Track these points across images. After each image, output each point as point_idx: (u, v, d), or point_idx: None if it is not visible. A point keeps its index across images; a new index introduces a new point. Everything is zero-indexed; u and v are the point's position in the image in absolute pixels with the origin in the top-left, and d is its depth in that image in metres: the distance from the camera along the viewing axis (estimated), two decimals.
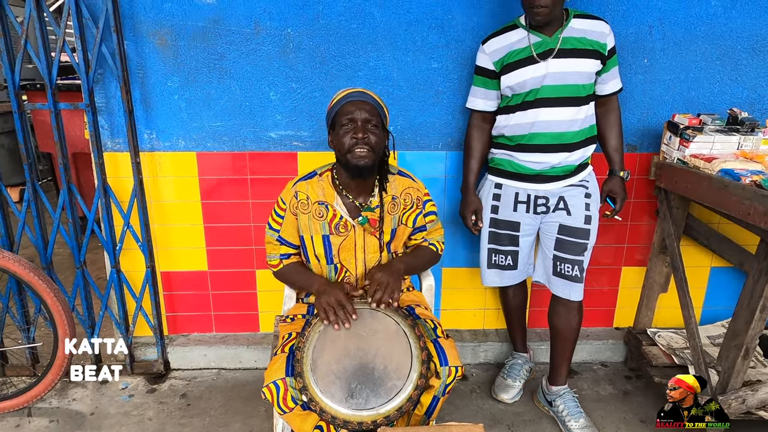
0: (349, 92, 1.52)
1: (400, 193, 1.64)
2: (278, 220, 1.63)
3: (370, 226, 1.58)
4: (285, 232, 1.63)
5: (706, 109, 2.20)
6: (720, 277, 2.46)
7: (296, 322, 1.66)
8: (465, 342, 2.47)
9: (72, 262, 2.24)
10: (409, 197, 1.64)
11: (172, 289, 2.40)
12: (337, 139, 1.50)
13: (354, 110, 1.47)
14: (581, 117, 1.85)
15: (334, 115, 1.51)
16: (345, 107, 1.48)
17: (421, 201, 1.67)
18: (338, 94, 1.54)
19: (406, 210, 1.65)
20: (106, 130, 2.15)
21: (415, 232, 1.70)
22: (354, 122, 1.47)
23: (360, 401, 1.38)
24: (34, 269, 2.00)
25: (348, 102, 1.48)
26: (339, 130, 1.49)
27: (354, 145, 1.46)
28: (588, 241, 1.92)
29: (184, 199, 2.27)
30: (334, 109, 1.51)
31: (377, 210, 1.59)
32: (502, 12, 2.08)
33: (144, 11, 2.03)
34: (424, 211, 1.68)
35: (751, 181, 1.65)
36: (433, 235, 1.74)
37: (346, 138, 1.47)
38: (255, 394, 2.25)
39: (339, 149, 1.50)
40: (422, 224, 1.69)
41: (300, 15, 2.07)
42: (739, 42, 2.15)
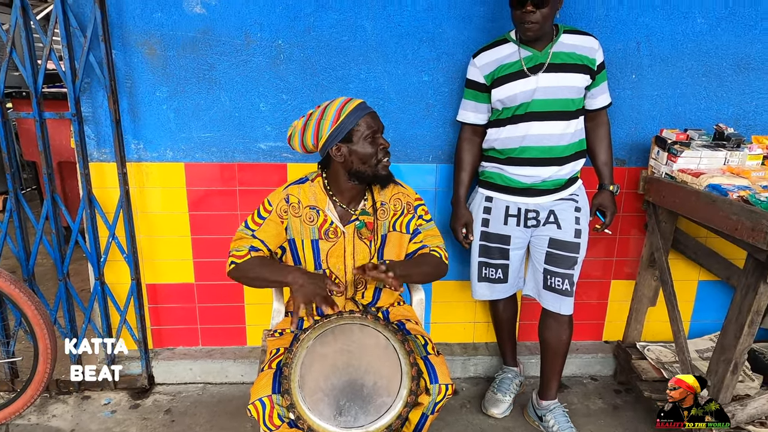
0: (357, 104, 1.53)
1: (388, 199, 1.64)
2: (258, 221, 1.59)
3: (367, 229, 1.58)
4: (261, 233, 1.58)
5: (692, 125, 2.23)
6: (708, 291, 2.48)
7: (284, 337, 1.63)
8: (455, 356, 2.45)
9: (54, 274, 2.19)
10: (398, 203, 1.64)
11: (158, 302, 2.36)
12: (360, 150, 1.51)
13: (375, 123, 1.53)
14: (571, 131, 1.86)
15: (351, 127, 1.50)
16: (366, 120, 1.51)
17: (411, 206, 1.66)
18: (342, 106, 1.52)
19: (396, 216, 1.64)
20: (93, 140, 2.12)
21: (414, 236, 1.67)
22: (377, 134, 1.53)
23: (349, 419, 1.36)
24: (14, 281, 1.95)
25: (368, 114, 1.52)
26: (362, 142, 1.51)
27: (384, 156, 1.54)
28: (578, 254, 1.92)
29: (171, 210, 2.24)
30: (350, 122, 1.50)
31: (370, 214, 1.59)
32: (492, 26, 2.09)
33: (133, 21, 2.02)
34: (417, 215, 1.66)
35: (738, 196, 1.67)
36: (434, 242, 1.68)
37: (373, 149, 1.52)
38: (241, 409, 2.20)
39: (364, 160, 1.52)
40: (417, 226, 1.67)
41: (291, 27, 2.07)
42: (725, 59, 2.19)
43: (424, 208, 1.69)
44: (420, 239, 1.67)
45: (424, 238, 1.67)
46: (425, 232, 1.67)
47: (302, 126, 1.56)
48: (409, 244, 1.67)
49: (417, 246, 1.67)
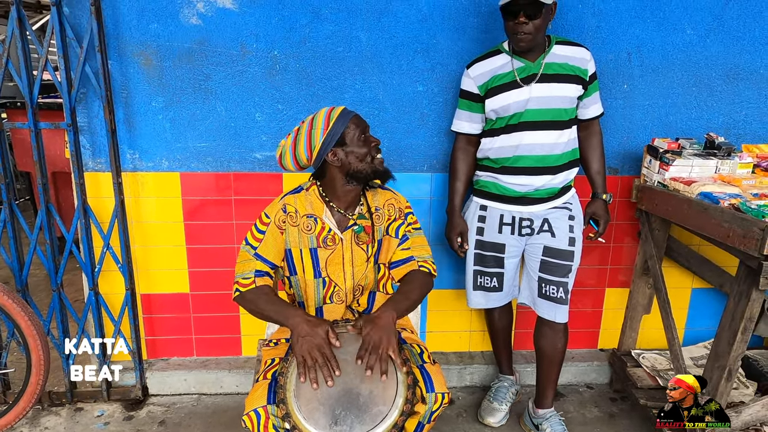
0: (342, 109, 1.55)
1: (383, 204, 1.66)
2: (258, 236, 1.58)
3: (365, 233, 1.60)
4: (263, 249, 1.57)
5: (683, 134, 2.26)
6: (701, 298, 2.49)
7: (280, 347, 1.62)
8: (451, 364, 2.45)
9: (48, 284, 2.18)
10: (392, 207, 1.66)
11: (152, 312, 2.35)
12: (355, 150, 1.53)
13: (362, 123, 1.56)
14: (564, 140, 1.88)
15: (342, 130, 1.52)
16: (354, 121, 1.54)
17: (402, 213, 1.68)
18: (329, 113, 1.54)
19: (390, 220, 1.66)
20: (88, 150, 2.12)
21: (402, 241, 1.66)
22: (366, 132, 1.57)
23: (345, 428, 1.35)
24: (7, 292, 1.93)
25: (354, 117, 1.55)
26: (356, 143, 1.53)
27: (377, 153, 1.57)
28: (572, 262, 1.93)
29: (166, 219, 2.24)
30: (340, 126, 1.52)
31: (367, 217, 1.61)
32: (485, 37, 2.12)
33: (129, 31, 2.03)
34: (406, 222, 1.67)
35: (730, 204, 1.69)
36: (421, 253, 1.66)
37: (366, 148, 1.54)
38: (236, 420, 2.18)
39: (360, 159, 1.54)
40: (405, 232, 1.67)
41: (287, 38, 2.09)
42: (714, 69, 2.23)
43: (414, 216, 1.71)
44: (408, 246, 1.66)
45: (412, 246, 1.66)
46: (413, 239, 1.67)
47: (292, 142, 1.56)
48: (396, 249, 1.66)
49: (405, 255, 1.65)
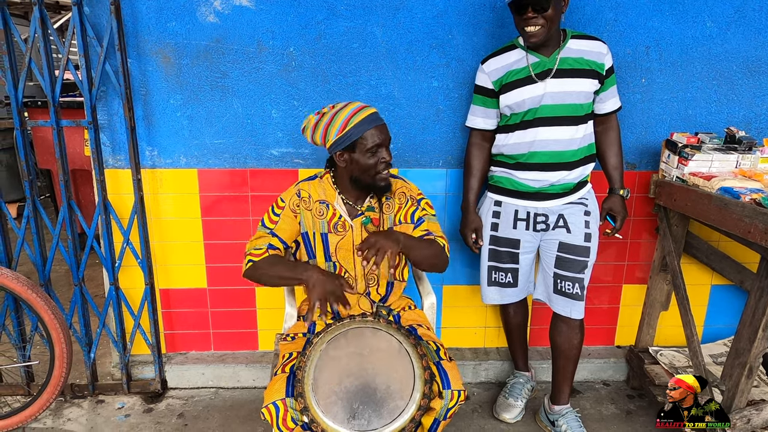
0: (366, 115, 1.54)
1: (394, 192, 1.69)
2: (274, 218, 1.66)
3: (372, 225, 1.63)
4: (278, 229, 1.65)
5: (703, 128, 2.23)
6: (721, 295, 2.46)
7: (297, 341, 1.64)
8: (466, 360, 2.45)
9: (69, 279, 2.22)
10: (403, 196, 1.69)
11: (171, 307, 2.38)
12: (361, 161, 1.55)
13: (380, 136, 1.55)
14: (580, 136, 1.87)
15: (356, 138, 1.53)
16: (372, 133, 1.53)
17: (415, 200, 1.70)
18: (350, 116, 1.53)
19: (402, 208, 1.68)
20: (108, 147, 2.15)
21: (418, 224, 1.69)
22: (381, 147, 1.55)
23: (362, 422, 1.36)
24: (32, 286, 1.98)
25: (375, 127, 1.54)
26: (364, 153, 1.54)
27: (384, 169, 1.57)
28: (588, 258, 1.92)
29: (184, 216, 2.27)
30: (355, 133, 1.52)
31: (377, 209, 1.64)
32: (501, 32, 2.11)
33: (148, 30, 2.06)
34: (420, 207, 1.70)
35: (751, 199, 1.66)
36: (437, 232, 1.68)
37: (373, 161, 1.55)
38: (253, 413, 2.21)
39: (364, 170, 1.56)
40: (422, 215, 1.69)
41: (302, 34, 2.10)
42: (735, 63, 2.19)
43: (428, 202, 1.73)
44: (424, 227, 1.68)
45: (428, 227, 1.68)
46: (429, 222, 1.69)
47: (314, 124, 1.61)
48: (413, 231, 1.68)
49: (422, 233, 1.67)
